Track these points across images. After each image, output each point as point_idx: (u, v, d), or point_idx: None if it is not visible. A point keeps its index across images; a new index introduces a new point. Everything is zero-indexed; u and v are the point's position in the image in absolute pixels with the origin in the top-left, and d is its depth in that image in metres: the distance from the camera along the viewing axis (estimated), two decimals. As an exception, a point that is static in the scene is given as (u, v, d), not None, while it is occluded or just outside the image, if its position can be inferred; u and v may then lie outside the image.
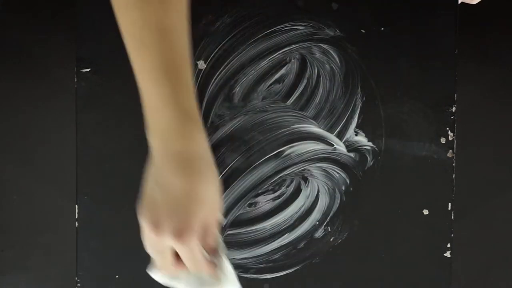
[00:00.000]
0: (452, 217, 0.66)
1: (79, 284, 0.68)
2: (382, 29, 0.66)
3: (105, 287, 0.69)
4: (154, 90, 0.52)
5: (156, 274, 0.60)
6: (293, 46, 0.66)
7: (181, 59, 0.52)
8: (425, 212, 0.66)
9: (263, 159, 0.67)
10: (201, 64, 0.67)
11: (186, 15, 0.52)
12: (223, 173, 0.67)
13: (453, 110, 0.66)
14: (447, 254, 0.66)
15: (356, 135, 0.66)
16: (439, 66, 0.66)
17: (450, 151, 0.66)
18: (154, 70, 0.51)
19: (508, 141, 0.66)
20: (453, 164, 0.66)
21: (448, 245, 0.66)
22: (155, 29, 0.50)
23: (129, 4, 0.51)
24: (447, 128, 0.66)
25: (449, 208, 0.66)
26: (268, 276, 0.68)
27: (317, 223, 0.67)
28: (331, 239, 0.67)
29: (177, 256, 0.56)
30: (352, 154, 0.66)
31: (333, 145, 0.66)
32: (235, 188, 0.67)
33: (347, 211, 0.67)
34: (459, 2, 0.65)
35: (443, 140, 0.66)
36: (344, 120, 0.66)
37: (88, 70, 0.67)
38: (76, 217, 0.68)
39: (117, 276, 0.68)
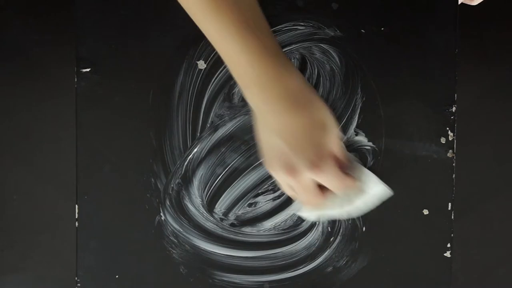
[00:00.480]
0: (452, 217, 0.66)
1: (79, 284, 0.68)
2: (382, 29, 0.66)
3: (105, 287, 0.69)
4: (241, 45, 0.52)
5: (305, 212, 0.60)
6: (293, 46, 0.66)
7: (256, 8, 0.53)
8: (425, 212, 0.66)
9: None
10: (201, 64, 0.67)
11: None
12: (223, 173, 0.67)
13: (453, 110, 0.66)
14: (447, 254, 0.66)
15: (356, 135, 0.66)
16: (439, 66, 0.66)
17: (450, 151, 0.66)
18: (237, 26, 0.52)
19: (508, 141, 0.66)
20: (453, 164, 0.66)
21: (448, 245, 0.66)
22: None
23: None
24: (447, 128, 0.66)
25: (449, 208, 0.66)
26: (269, 277, 0.68)
27: (317, 223, 0.67)
28: (331, 239, 0.67)
29: (319, 186, 0.57)
30: (352, 154, 0.66)
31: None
32: (235, 188, 0.67)
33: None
34: (459, 2, 0.65)
35: (443, 140, 0.66)
36: (344, 120, 0.66)
37: (88, 70, 0.67)
38: (76, 217, 0.68)
39: (117, 276, 0.68)
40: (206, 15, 0.52)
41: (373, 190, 0.61)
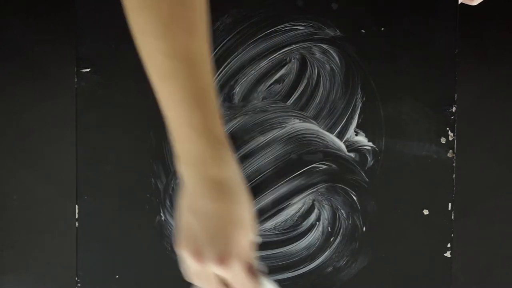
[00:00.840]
0: (452, 217, 0.66)
1: (79, 284, 0.68)
2: (382, 29, 0.66)
3: (105, 287, 0.69)
4: (185, 119, 0.51)
5: None
6: (293, 46, 0.66)
7: (209, 85, 0.52)
8: (425, 212, 0.66)
9: (263, 160, 0.67)
10: (201, 64, 0.67)
11: (209, 39, 0.52)
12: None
13: (453, 110, 0.66)
14: (447, 254, 0.66)
15: (356, 135, 0.66)
16: (439, 66, 0.66)
17: (450, 151, 0.66)
18: (184, 99, 0.51)
19: (508, 141, 0.66)
20: (453, 164, 0.66)
21: (448, 245, 0.66)
22: (184, 58, 0.50)
23: (155, 34, 0.50)
24: (447, 128, 0.66)
25: (449, 208, 0.66)
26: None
27: (317, 222, 0.67)
28: (331, 239, 0.67)
29: (221, 280, 0.56)
30: (352, 154, 0.66)
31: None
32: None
33: (347, 210, 0.67)
34: (459, 2, 0.65)
35: (443, 140, 0.66)
36: (344, 120, 0.66)
37: (88, 70, 0.67)
38: (76, 217, 0.68)
39: (117, 276, 0.68)
40: (160, 79, 0.51)
41: None
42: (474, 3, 0.65)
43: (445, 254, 0.66)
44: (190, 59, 0.50)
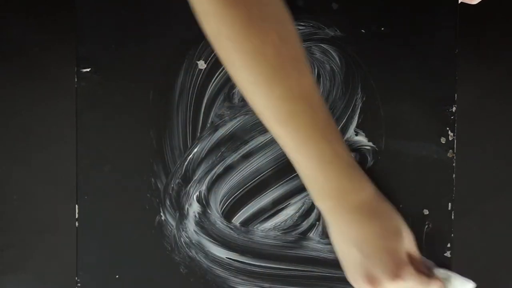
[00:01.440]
0: (452, 217, 0.66)
1: (79, 284, 0.68)
2: (382, 29, 0.66)
3: (105, 287, 0.69)
4: (316, 154, 0.51)
5: None
6: (293, 46, 0.66)
7: (327, 114, 0.52)
8: (425, 212, 0.66)
9: (263, 160, 0.67)
10: (201, 64, 0.67)
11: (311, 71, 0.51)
12: (223, 173, 0.67)
13: (453, 110, 0.66)
14: (447, 254, 0.66)
15: (356, 135, 0.66)
16: (439, 66, 0.66)
17: (450, 151, 0.66)
18: (310, 136, 0.50)
19: (508, 141, 0.66)
20: (453, 164, 0.66)
21: (448, 245, 0.66)
22: (301, 96, 0.50)
23: (267, 82, 0.49)
24: (447, 128, 0.66)
25: (449, 208, 0.66)
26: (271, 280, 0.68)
27: (317, 222, 0.67)
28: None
29: None
30: (352, 154, 0.66)
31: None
32: (238, 187, 0.67)
33: (347, 211, 0.67)
34: (459, 2, 0.65)
35: (443, 140, 0.66)
36: (344, 120, 0.66)
37: (88, 70, 0.67)
38: (76, 217, 0.68)
39: (117, 276, 0.68)
40: (281, 124, 0.50)
41: (457, 286, 0.60)
42: (474, 2, 0.65)
43: (445, 254, 0.66)
44: (306, 95, 0.50)
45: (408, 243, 0.57)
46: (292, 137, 0.51)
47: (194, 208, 0.68)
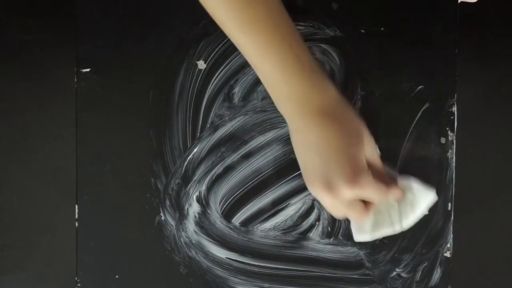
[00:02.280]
0: (452, 217, 0.66)
1: (79, 284, 0.68)
2: (382, 29, 0.66)
3: (105, 287, 0.69)
4: (278, 60, 0.52)
5: (361, 236, 0.60)
6: (293, 46, 0.66)
7: (289, 21, 0.53)
8: (425, 212, 0.66)
9: (263, 160, 0.67)
10: (201, 64, 0.67)
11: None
12: (223, 173, 0.67)
13: (453, 110, 0.66)
14: (447, 254, 0.66)
15: (356, 135, 0.66)
16: (439, 66, 0.66)
17: (450, 151, 0.66)
18: (272, 41, 0.51)
19: (508, 141, 0.66)
20: (453, 164, 0.66)
21: (448, 245, 0.66)
22: (261, 3, 0.51)
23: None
24: (447, 128, 0.66)
25: (449, 208, 0.66)
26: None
27: (317, 222, 0.67)
28: (331, 239, 0.67)
29: (365, 202, 0.56)
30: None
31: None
32: (238, 188, 0.67)
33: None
34: (459, 1, 0.65)
35: (443, 140, 0.66)
36: (344, 120, 0.66)
37: (88, 70, 0.67)
38: (76, 217, 0.68)
39: (117, 276, 0.68)
40: (243, 31, 0.52)
41: (421, 198, 0.60)
42: (474, 0, 0.65)
43: (445, 254, 0.66)
44: (266, 1, 0.51)
45: (369, 150, 0.55)
46: (253, 44, 0.52)
47: (194, 208, 0.68)
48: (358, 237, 0.61)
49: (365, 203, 0.57)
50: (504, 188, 0.66)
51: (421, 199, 0.60)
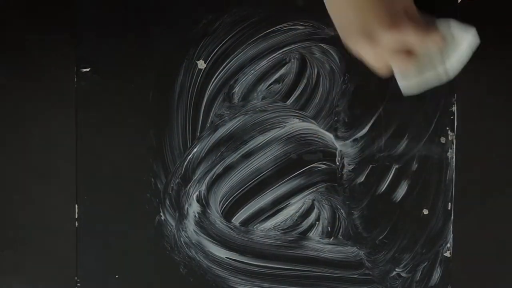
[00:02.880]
0: (452, 217, 0.66)
1: (79, 284, 0.68)
2: (382, 29, 0.66)
3: (105, 287, 0.69)
4: None
5: (406, 81, 0.58)
6: (293, 45, 0.66)
7: None
8: (425, 212, 0.66)
9: (263, 160, 0.67)
10: (201, 64, 0.67)
11: None
12: (222, 173, 0.67)
13: (453, 110, 0.66)
14: (447, 254, 0.66)
15: (356, 135, 0.66)
16: (439, 66, 0.66)
17: (450, 151, 0.66)
18: None
19: (508, 141, 0.66)
20: (453, 164, 0.66)
21: (448, 245, 0.66)
22: None
23: None
24: (447, 128, 0.66)
25: (449, 208, 0.66)
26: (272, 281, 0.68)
27: (317, 222, 0.67)
28: (331, 239, 0.67)
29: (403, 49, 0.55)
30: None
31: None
32: (238, 187, 0.67)
33: (347, 210, 0.67)
34: (459, 1, 0.65)
35: (443, 140, 0.66)
36: (344, 120, 0.66)
37: (88, 70, 0.68)
38: (76, 217, 0.68)
39: (117, 276, 0.68)
40: None
41: (461, 38, 0.57)
42: None
43: (445, 254, 0.66)
44: None
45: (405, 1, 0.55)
46: None
47: (193, 208, 0.68)
48: (404, 82, 0.59)
49: (407, 53, 0.56)
50: (504, 188, 0.66)
51: (461, 39, 0.58)
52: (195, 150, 0.67)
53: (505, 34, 0.66)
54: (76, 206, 0.68)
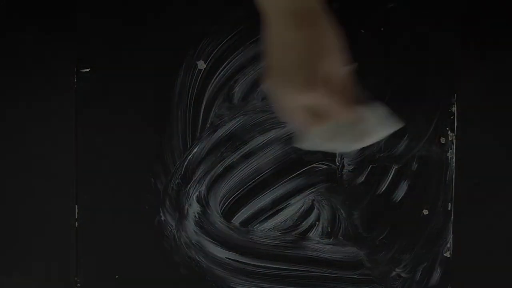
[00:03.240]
0: (452, 217, 0.66)
1: (79, 284, 0.69)
2: (382, 29, 0.66)
3: (105, 287, 0.69)
4: None
5: (299, 142, 0.58)
6: (293, 46, 0.66)
7: None
8: (425, 212, 0.66)
9: (263, 160, 0.67)
10: (201, 64, 0.67)
11: None
12: (222, 173, 0.67)
13: (453, 110, 0.66)
14: (447, 254, 0.66)
15: (356, 135, 0.66)
16: (439, 66, 0.66)
17: (450, 151, 0.66)
18: None
19: (508, 141, 0.66)
20: (453, 164, 0.66)
21: (448, 245, 0.66)
22: None
23: None
24: (447, 128, 0.66)
25: (449, 208, 0.66)
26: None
27: (317, 222, 0.67)
28: (331, 239, 0.67)
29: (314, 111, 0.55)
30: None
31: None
32: (238, 188, 0.67)
33: (347, 210, 0.67)
34: (459, 2, 0.65)
35: (443, 140, 0.66)
36: (344, 120, 0.66)
37: (88, 70, 0.68)
38: (76, 217, 0.68)
39: (117, 276, 0.68)
40: None
41: (379, 123, 0.57)
42: None
43: (445, 254, 0.66)
44: None
45: (335, 66, 0.55)
46: None
47: (193, 208, 0.68)
48: (297, 142, 0.59)
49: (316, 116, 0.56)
50: (504, 188, 0.66)
51: (380, 125, 0.58)
52: (195, 150, 0.67)
53: (505, 34, 0.66)
54: (76, 206, 0.68)
